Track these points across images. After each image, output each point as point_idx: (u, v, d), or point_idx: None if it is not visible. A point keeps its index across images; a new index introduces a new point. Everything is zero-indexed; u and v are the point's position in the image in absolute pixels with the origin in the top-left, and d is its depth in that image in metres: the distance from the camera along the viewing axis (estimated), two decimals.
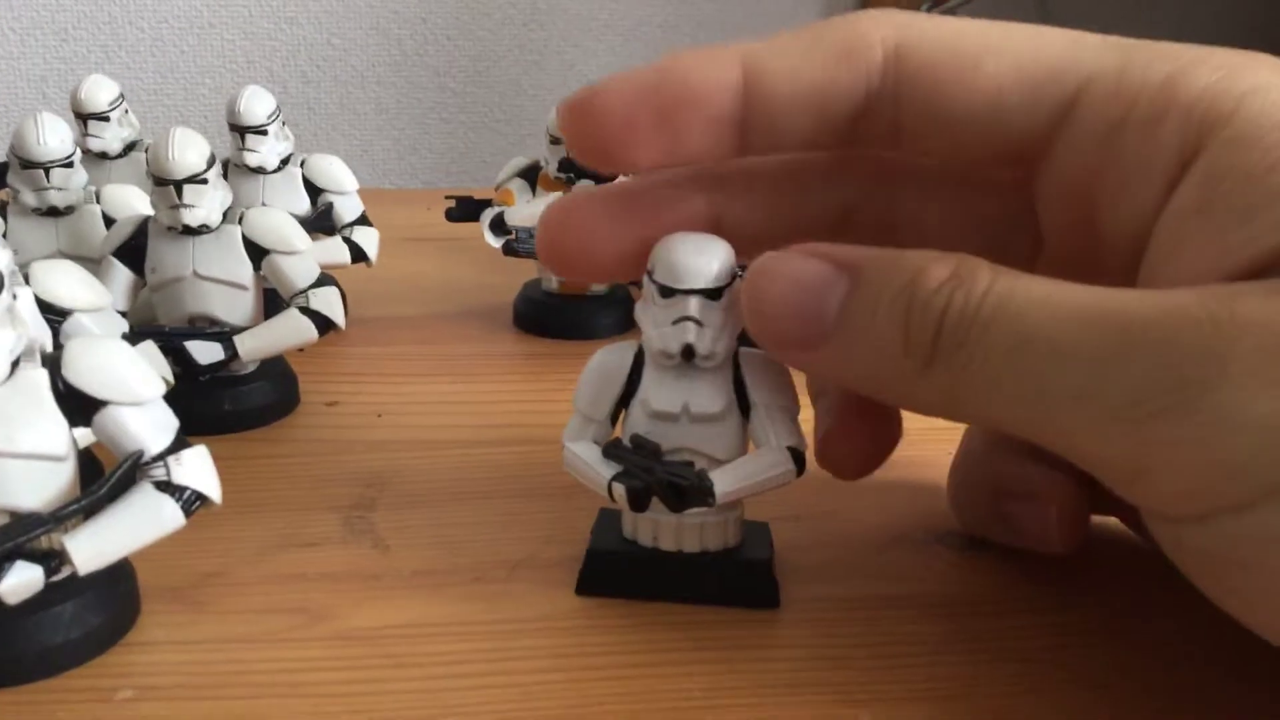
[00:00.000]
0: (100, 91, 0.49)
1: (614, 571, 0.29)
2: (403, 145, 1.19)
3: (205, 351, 0.37)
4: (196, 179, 0.36)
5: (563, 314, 0.50)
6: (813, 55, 0.26)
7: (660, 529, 0.29)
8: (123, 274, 0.38)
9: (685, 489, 0.27)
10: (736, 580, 0.29)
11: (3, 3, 1.04)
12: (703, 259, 0.27)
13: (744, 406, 0.28)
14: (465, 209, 0.51)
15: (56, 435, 0.25)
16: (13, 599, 0.25)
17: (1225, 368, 0.19)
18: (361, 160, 1.15)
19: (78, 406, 0.26)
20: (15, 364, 0.25)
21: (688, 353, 0.27)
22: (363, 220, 0.50)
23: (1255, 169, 0.21)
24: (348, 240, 0.48)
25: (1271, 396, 0.19)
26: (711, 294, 0.27)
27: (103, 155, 0.49)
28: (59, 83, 1.07)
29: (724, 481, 0.27)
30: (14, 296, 0.25)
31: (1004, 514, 0.31)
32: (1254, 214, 0.21)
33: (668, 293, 0.27)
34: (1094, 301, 0.21)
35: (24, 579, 0.25)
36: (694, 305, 0.27)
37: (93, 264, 0.37)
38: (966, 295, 0.22)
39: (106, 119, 0.49)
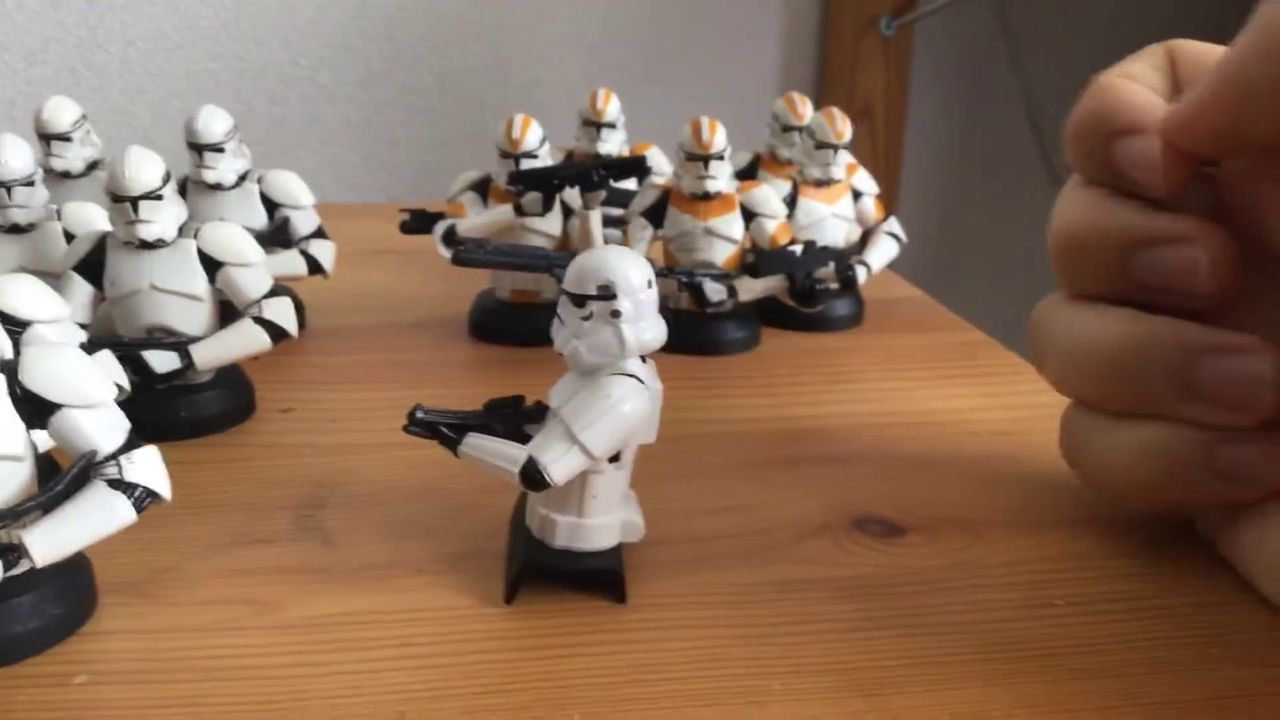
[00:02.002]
0: (62, 113, 0.50)
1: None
2: (371, 161, 1.21)
3: (162, 361, 0.38)
4: (152, 195, 0.38)
5: (514, 321, 0.52)
6: None
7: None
8: (82, 288, 0.39)
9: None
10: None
11: None
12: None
13: None
14: (419, 221, 0.53)
15: (14, 437, 0.27)
16: None
17: None
18: (330, 176, 1.16)
19: (34, 410, 0.27)
20: None
21: None
22: (319, 233, 0.51)
23: None
24: (304, 253, 0.50)
25: None
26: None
27: (65, 174, 0.50)
28: (26, 105, 1.07)
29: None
30: None
31: (1142, 266, 0.30)
32: None
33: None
34: None
35: None
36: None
37: (54, 279, 0.38)
38: None
39: (69, 139, 0.50)
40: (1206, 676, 0.28)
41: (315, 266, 0.49)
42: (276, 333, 0.39)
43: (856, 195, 0.57)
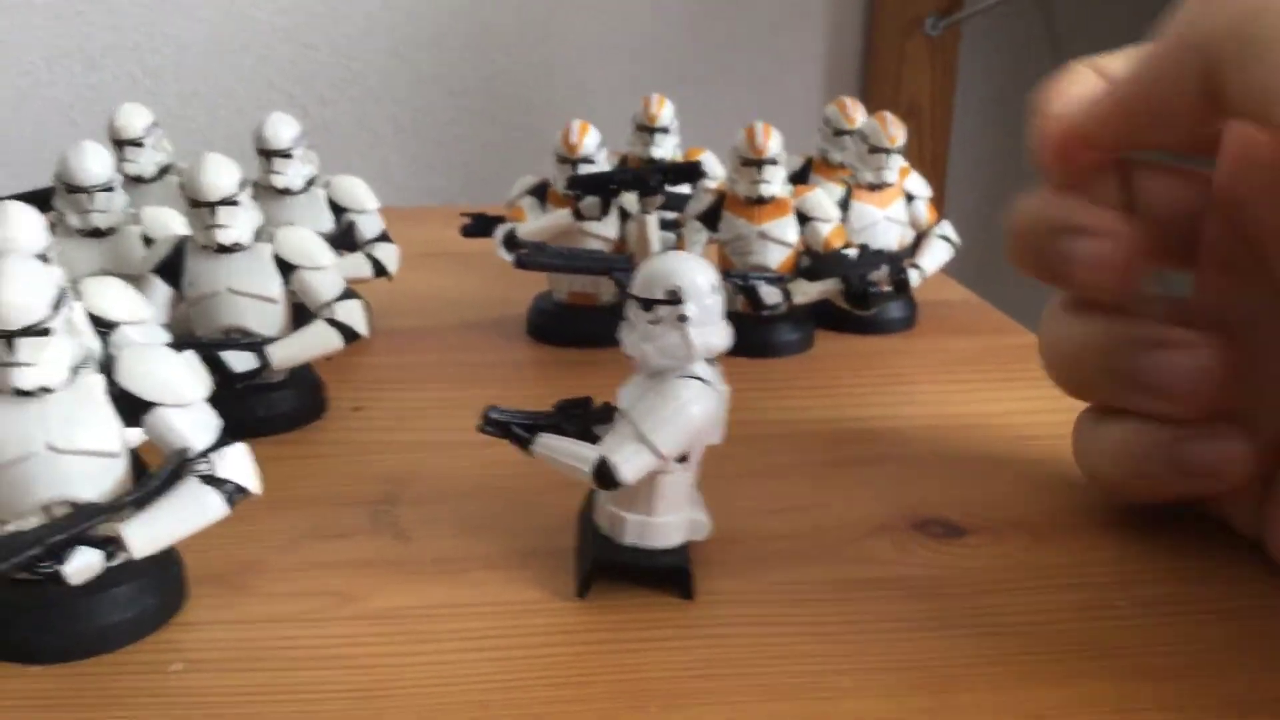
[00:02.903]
0: (135, 118, 0.52)
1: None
2: (419, 163, 1.22)
3: (240, 361, 0.39)
4: (230, 201, 0.39)
5: (572, 323, 0.53)
6: None
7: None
8: (162, 290, 0.41)
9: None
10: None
11: (32, 33, 1.08)
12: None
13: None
14: (479, 225, 0.54)
15: (111, 434, 0.28)
16: (76, 580, 0.27)
17: None
18: (379, 178, 1.17)
19: (130, 408, 0.29)
20: (75, 370, 0.28)
21: None
22: (383, 237, 0.52)
23: None
24: (369, 256, 0.51)
25: None
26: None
27: (138, 179, 0.52)
28: (86, 109, 1.10)
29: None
30: (73, 310, 0.28)
31: (1055, 253, 0.32)
32: None
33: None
34: None
35: (86, 562, 0.28)
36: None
37: (134, 281, 0.40)
38: None
39: (141, 144, 0.52)
40: (1272, 678, 0.28)
41: (380, 269, 0.51)
42: (348, 334, 0.40)
43: (909, 198, 0.57)
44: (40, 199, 0.42)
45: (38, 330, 0.26)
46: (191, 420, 0.29)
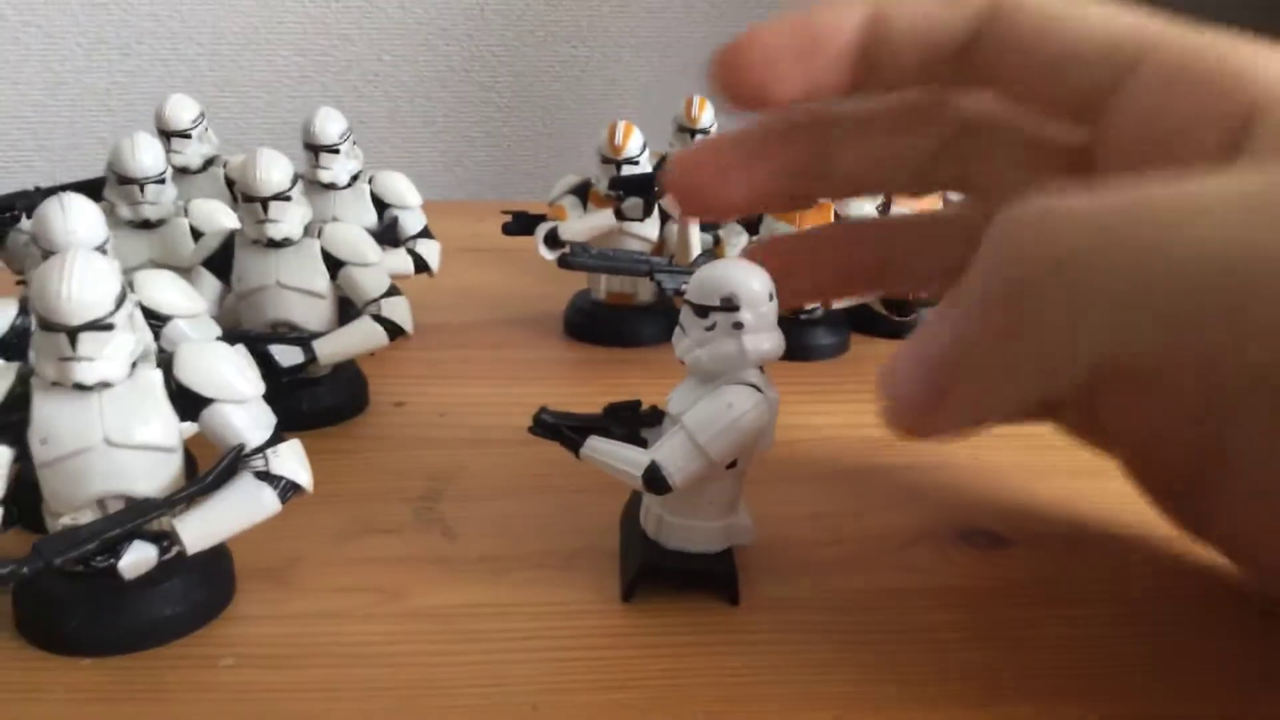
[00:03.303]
0: (183, 111, 0.52)
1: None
2: (449, 158, 1.23)
3: (287, 355, 0.40)
4: (281, 196, 0.39)
5: (610, 322, 0.53)
6: None
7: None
8: (210, 282, 0.41)
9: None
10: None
11: (70, 19, 1.08)
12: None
13: None
14: (521, 223, 0.54)
15: (167, 429, 0.28)
16: (130, 574, 0.28)
17: None
18: (409, 172, 1.17)
19: (187, 404, 0.29)
20: (134, 365, 0.28)
21: None
22: (425, 233, 0.53)
23: None
24: (411, 252, 0.51)
25: None
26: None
27: (184, 170, 0.52)
28: (122, 95, 1.11)
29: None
30: (135, 305, 0.28)
31: None
32: None
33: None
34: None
35: (140, 557, 0.28)
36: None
37: (182, 273, 0.40)
38: None
39: (188, 136, 0.52)
40: None
41: (421, 265, 0.51)
42: (394, 330, 0.41)
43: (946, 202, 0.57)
44: (91, 189, 0.43)
45: (101, 325, 0.26)
46: (248, 416, 0.29)
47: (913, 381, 0.26)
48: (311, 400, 0.41)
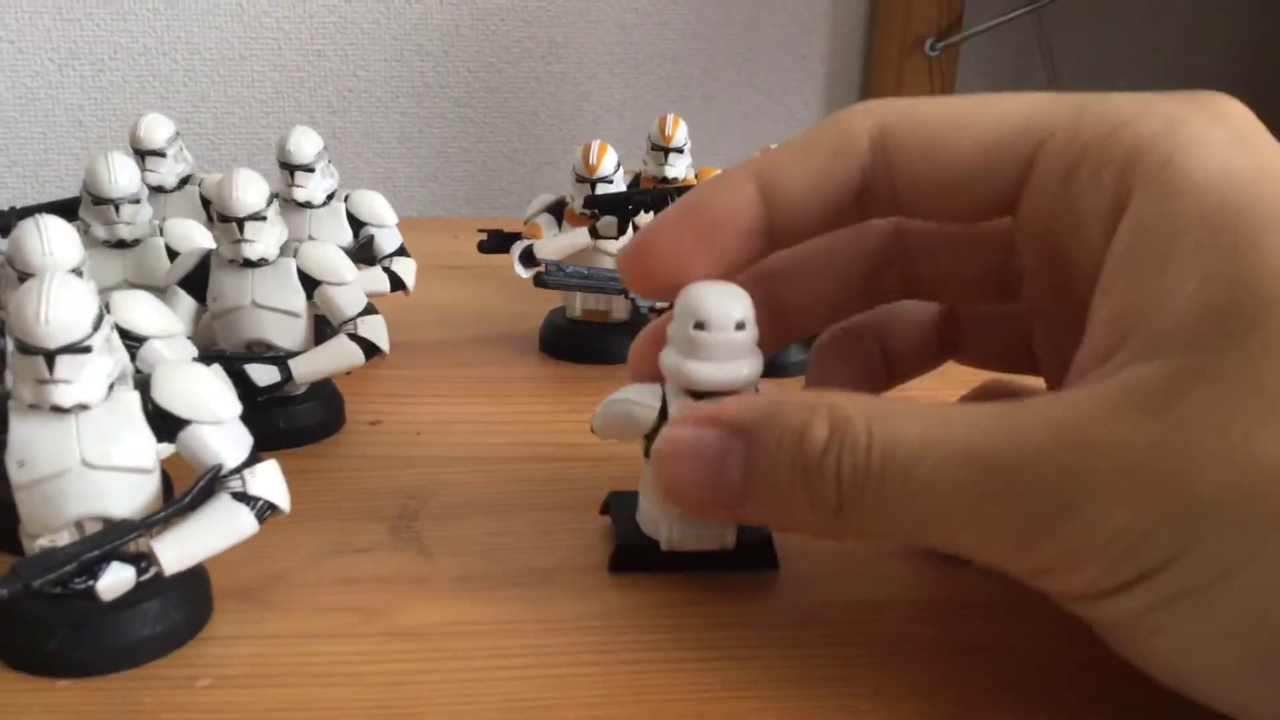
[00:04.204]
0: (157, 130, 0.52)
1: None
2: (424, 173, 1.23)
3: (263, 374, 0.40)
4: (257, 216, 0.39)
5: (585, 339, 0.53)
6: (810, 158, 0.30)
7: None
8: (186, 302, 0.41)
9: None
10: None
11: (42, 34, 1.08)
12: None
13: None
14: (496, 242, 0.54)
15: (145, 450, 0.29)
16: (108, 596, 0.28)
17: (1087, 494, 0.23)
18: (384, 187, 1.18)
19: (165, 425, 0.29)
20: (111, 386, 0.28)
21: None
22: (401, 251, 0.53)
23: (1170, 227, 0.24)
24: (387, 270, 0.51)
25: (1125, 508, 0.23)
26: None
27: (159, 189, 0.52)
28: (95, 111, 1.10)
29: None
30: (112, 327, 0.28)
31: None
32: (1162, 269, 0.24)
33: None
34: (969, 444, 0.25)
35: (118, 578, 0.28)
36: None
37: (158, 292, 0.40)
38: (853, 454, 0.26)
39: (163, 155, 0.52)
40: None
41: (397, 283, 0.51)
42: (370, 349, 0.41)
43: None
44: (65, 209, 0.43)
45: (79, 348, 0.27)
46: (225, 437, 0.29)
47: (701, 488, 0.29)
48: (288, 419, 0.41)
